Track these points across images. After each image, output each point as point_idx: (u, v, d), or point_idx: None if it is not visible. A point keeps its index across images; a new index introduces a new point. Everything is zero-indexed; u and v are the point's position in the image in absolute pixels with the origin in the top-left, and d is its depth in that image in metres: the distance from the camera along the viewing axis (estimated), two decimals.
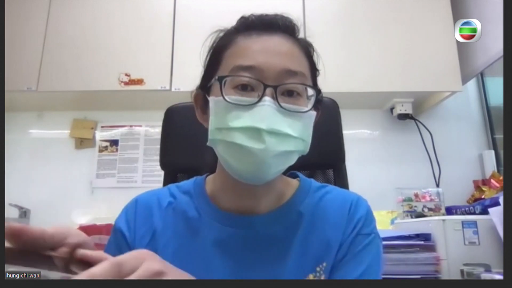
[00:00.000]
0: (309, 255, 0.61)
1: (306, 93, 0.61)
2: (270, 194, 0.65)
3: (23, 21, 1.93)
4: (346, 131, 0.93)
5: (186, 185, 0.70)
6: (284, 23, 0.63)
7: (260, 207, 0.64)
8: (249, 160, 0.56)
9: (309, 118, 0.60)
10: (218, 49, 0.65)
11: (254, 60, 0.58)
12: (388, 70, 1.82)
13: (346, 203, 0.66)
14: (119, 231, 0.65)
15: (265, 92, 0.56)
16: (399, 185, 1.71)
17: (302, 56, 0.63)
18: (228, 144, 0.57)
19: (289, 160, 0.60)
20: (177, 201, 0.67)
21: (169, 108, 0.95)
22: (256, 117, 0.55)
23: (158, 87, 1.83)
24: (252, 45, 0.61)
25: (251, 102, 0.56)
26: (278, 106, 0.56)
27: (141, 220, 0.65)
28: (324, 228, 0.63)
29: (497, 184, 1.77)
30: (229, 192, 0.65)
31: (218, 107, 0.59)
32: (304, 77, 0.60)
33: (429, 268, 1.28)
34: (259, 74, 0.57)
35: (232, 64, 0.60)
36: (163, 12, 1.91)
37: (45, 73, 1.85)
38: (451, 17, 1.85)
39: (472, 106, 2.14)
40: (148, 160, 2.07)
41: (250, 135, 0.55)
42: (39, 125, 2.14)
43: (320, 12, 1.89)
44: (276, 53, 0.59)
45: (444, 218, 1.32)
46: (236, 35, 0.63)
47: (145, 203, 0.67)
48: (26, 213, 1.94)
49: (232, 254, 0.61)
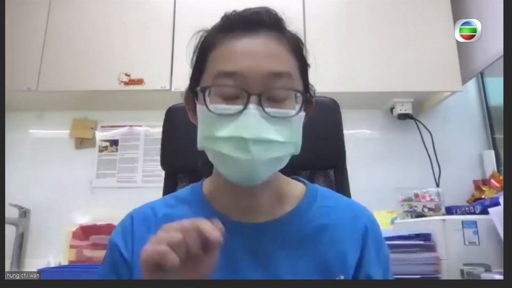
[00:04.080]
0: (324, 266, 0.60)
1: (295, 94, 0.59)
2: (269, 192, 0.64)
3: (23, 21, 1.93)
4: (346, 131, 0.93)
5: (183, 193, 0.69)
6: (269, 20, 0.61)
7: (259, 206, 0.63)
8: (237, 169, 0.56)
9: (298, 120, 0.59)
10: (202, 50, 0.63)
11: (237, 65, 0.57)
12: (388, 70, 1.82)
13: (359, 218, 0.66)
14: (116, 249, 0.63)
15: (249, 100, 0.55)
16: (399, 185, 1.71)
17: (289, 54, 0.61)
18: (216, 153, 0.57)
19: (280, 163, 0.59)
20: (175, 211, 0.65)
21: (170, 108, 0.95)
22: (241, 126, 0.54)
23: (158, 87, 1.83)
24: (235, 48, 0.59)
25: (235, 111, 0.55)
26: (263, 112, 0.55)
27: (139, 236, 0.63)
28: (338, 240, 0.62)
29: (497, 184, 1.77)
30: (226, 192, 0.64)
31: (204, 116, 0.58)
32: (291, 78, 0.59)
33: (429, 268, 1.27)
34: (243, 80, 0.56)
35: (216, 69, 0.58)
36: (163, 12, 1.91)
37: (45, 73, 1.85)
38: (451, 17, 1.85)
39: (472, 106, 2.14)
40: (148, 160, 2.07)
41: (236, 145, 0.54)
42: (39, 125, 2.14)
43: (320, 12, 1.88)
44: (259, 55, 0.58)
45: (444, 218, 1.33)
46: (219, 35, 0.61)
47: (141, 217, 0.65)
48: (26, 213, 1.94)
49: (238, 265, 0.60)
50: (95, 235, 1.87)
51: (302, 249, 0.61)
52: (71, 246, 1.87)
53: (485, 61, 1.81)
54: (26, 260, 1.91)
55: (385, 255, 0.66)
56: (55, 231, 1.92)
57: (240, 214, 0.63)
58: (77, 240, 1.87)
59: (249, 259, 0.60)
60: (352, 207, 0.68)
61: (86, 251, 1.85)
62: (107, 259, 0.64)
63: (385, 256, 0.66)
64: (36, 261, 1.82)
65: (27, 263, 1.90)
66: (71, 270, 1.63)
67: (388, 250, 0.67)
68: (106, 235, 1.83)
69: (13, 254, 1.87)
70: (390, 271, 0.66)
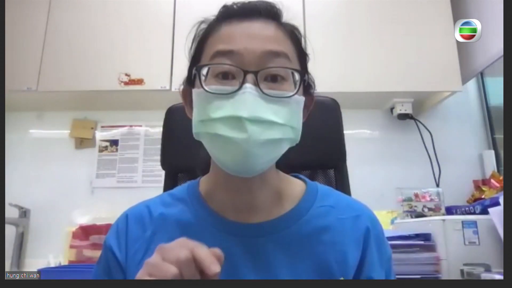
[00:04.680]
0: (323, 268, 0.58)
1: (293, 77, 0.57)
2: (266, 189, 0.62)
3: (23, 21, 1.93)
4: (346, 131, 0.92)
5: (180, 191, 0.68)
6: (266, 8, 0.61)
7: (257, 205, 0.62)
8: (234, 151, 0.54)
9: (297, 103, 0.58)
10: (200, 39, 0.63)
11: (233, 45, 0.56)
12: (388, 70, 1.82)
13: (360, 218, 0.64)
14: (110, 250, 0.62)
15: (245, 79, 0.54)
16: (399, 185, 1.71)
17: (286, 39, 0.60)
18: (211, 136, 0.56)
19: (278, 148, 0.57)
20: (171, 210, 0.64)
21: (170, 107, 0.95)
22: (237, 105, 0.53)
23: (158, 87, 1.83)
24: (233, 31, 0.58)
25: (232, 91, 0.54)
26: (260, 92, 0.54)
27: (133, 236, 0.62)
28: (338, 241, 0.60)
29: (497, 184, 1.77)
30: (223, 188, 0.63)
31: (199, 98, 0.57)
32: (288, 59, 0.58)
33: (429, 268, 1.28)
34: (239, 59, 0.55)
35: (212, 50, 0.58)
36: (163, 12, 1.91)
37: (45, 73, 1.85)
38: (451, 17, 1.85)
39: (472, 106, 2.14)
40: (148, 160, 2.07)
41: (232, 125, 0.53)
42: (39, 125, 2.14)
43: (320, 12, 1.89)
44: (257, 37, 0.57)
45: (444, 218, 1.32)
46: (217, 23, 0.61)
47: (136, 217, 0.64)
48: (26, 213, 1.94)
49: (235, 266, 0.58)
50: (95, 235, 1.87)
51: (301, 250, 0.59)
52: (71, 246, 1.87)
53: (485, 61, 1.81)
54: (26, 260, 1.91)
55: (388, 256, 0.64)
56: (55, 231, 1.92)
57: (237, 213, 0.62)
58: (77, 240, 1.87)
59: (247, 260, 0.58)
60: (353, 206, 0.66)
61: (86, 251, 1.85)
62: (101, 260, 0.64)
63: (388, 257, 0.64)
64: (36, 261, 1.82)
65: (27, 263, 1.90)
66: (71, 270, 1.63)
67: (390, 250, 0.66)
68: (106, 235, 1.83)
69: (13, 254, 1.87)
70: (392, 271, 0.65)
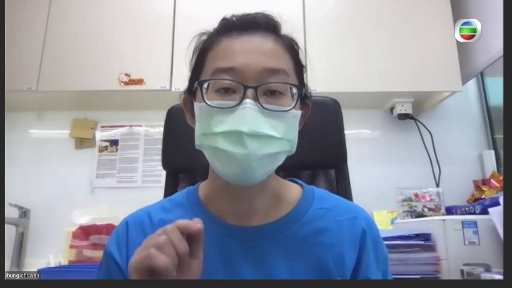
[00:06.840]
0: (321, 268, 0.60)
1: (290, 91, 0.60)
2: (265, 195, 0.64)
3: (23, 21, 1.93)
4: (346, 131, 0.92)
5: (179, 197, 0.69)
6: (265, 21, 0.63)
7: (256, 210, 0.63)
8: (234, 165, 0.56)
9: (294, 117, 0.60)
10: (201, 52, 0.65)
11: (234, 61, 0.58)
12: (388, 70, 1.82)
13: (357, 220, 0.65)
14: (110, 256, 0.62)
15: (246, 94, 0.56)
16: (399, 185, 1.71)
17: (285, 54, 0.62)
18: (213, 149, 0.57)
19: (275, 161, 0.59)
20: (171, 215, 0.64)
21: (171, 108, 0.95)
22: (237, 120, 0.55)
23: (158, 87, 1.83)
24: (232, 46, 0.60)
25: (232, 105, 0.56)
26: (260, 107, 0.56)
27: (134, 242, 0.62)
28: (335, 243, 0.62)
29: (497, 184, 1.77)
30: (222, 194, 0.64)
31: (201, 112, 0.59)
32: (286, 75, 0.60)
33: (429, 268, 1.28)
34: (240, 75, 0.57)
35: (213, 66, 0.59)
36: (163, 12, 1.91)
37: (45, 73, 1.85)
38: (451, 17, 1.85)
39: (472, 106, 2.14)
40: (148, 160, 2.07)
41: (233, 139, 0.55)
42: (39, 125, 2.14)
43: (320, 12, 1.88)
44: (256, 52, 0.59)
45: (444, 218, 1.33)
46: (217, 37, 0.63)
47: (136, 223, 0.65)
48: (26, 213, 1.94)
49: (235, 268, 0.59)
50: (95, 235, 1.87)
51: (300, 251, 0.61)
52: (71, 246, 1.87)
53: (485, 61, 1.81)
54: (26, 260, 1.91)
55: (384, 257, 0.66)
56: (55, 231, 1.92)
57: (236, 217, 0.63)
58: (77, 240, 1.87)
59: (246, 262, 0.60)
60: (349, 209, 0.67)
61: (86, 251, 1.85)
62: (102, 267, 0.64)
63: (384, 258, 0.66)
64: (36, 261, 1.82)
65: (27, 263, 1.90)
66: (71, 270, 1.63)
67: (387, 251, 0.67)
68: (106, 235, 1.83)
69: (13, 254, 1.87)
70: (389, 272, 0.66)
